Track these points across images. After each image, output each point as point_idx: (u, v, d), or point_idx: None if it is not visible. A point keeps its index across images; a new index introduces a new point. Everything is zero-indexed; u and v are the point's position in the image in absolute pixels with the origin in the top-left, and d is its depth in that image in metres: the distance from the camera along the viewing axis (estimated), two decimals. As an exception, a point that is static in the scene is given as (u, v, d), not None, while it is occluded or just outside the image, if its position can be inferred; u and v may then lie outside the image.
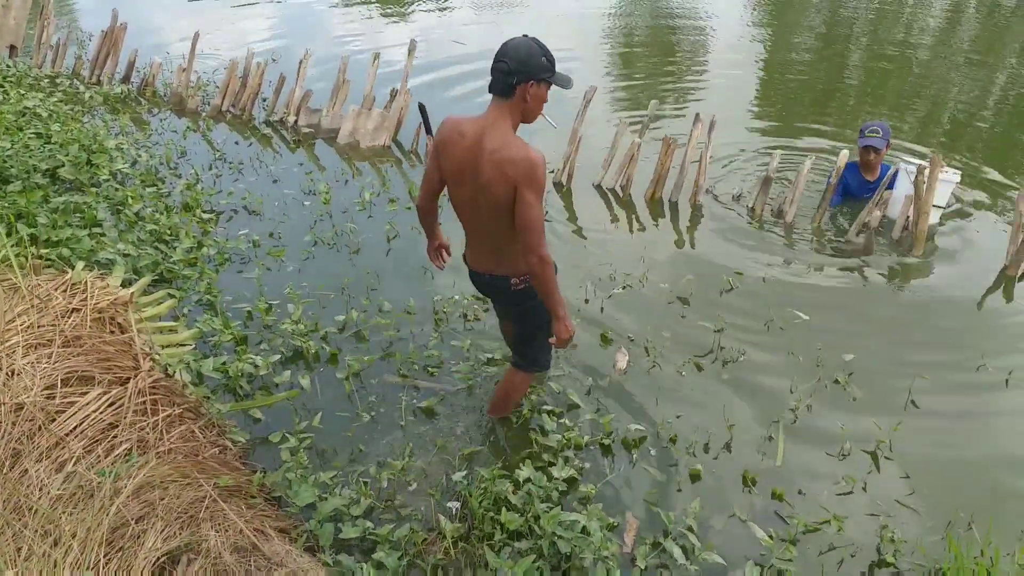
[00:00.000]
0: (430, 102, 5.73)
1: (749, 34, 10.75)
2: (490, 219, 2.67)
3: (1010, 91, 8.54)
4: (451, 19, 11.35)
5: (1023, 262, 4.48)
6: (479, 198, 2.63)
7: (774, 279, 4.54)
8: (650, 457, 3.22)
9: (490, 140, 2.54)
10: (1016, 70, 9.44)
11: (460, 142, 2.60)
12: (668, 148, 5.41)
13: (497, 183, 2.54)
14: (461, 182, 2.66)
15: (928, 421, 3.48)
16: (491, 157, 2.53)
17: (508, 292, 2.89)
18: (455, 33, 10.18)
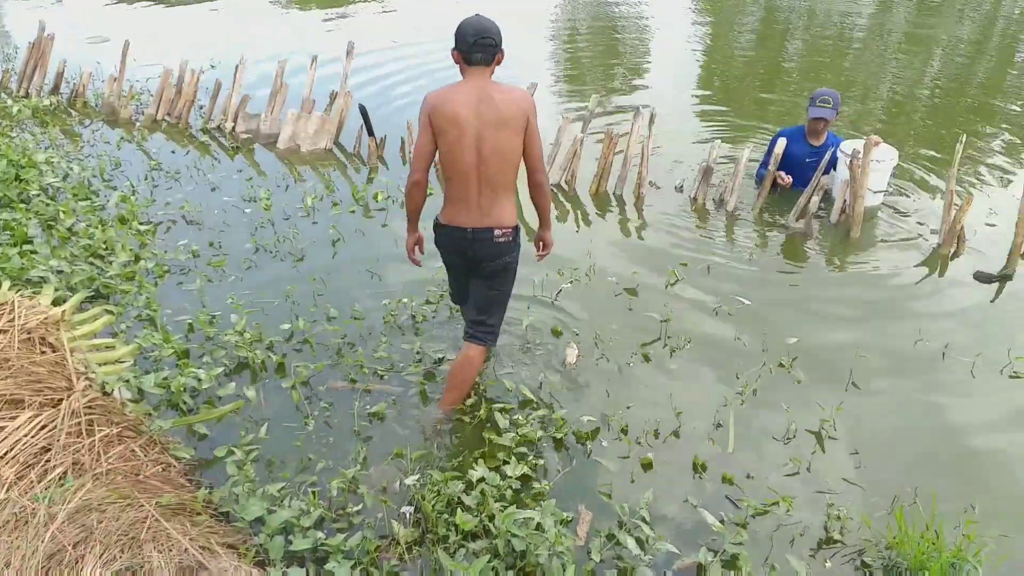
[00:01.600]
0: (370, 102, 5.70)
1: (690, 29, 10.89)
2: (495, 159, 3.02)
3: (943, 74, 8.82)
4: (392, 19, 11.25)
5: (955, 240, 4.62)
6: (487, 139, 2.98)
7: (718, 267, 4.60)
8: (603, 449, 3.24)
9: (494, 90, 2.98)
10: (947, 55, 9.75)
11: (461, 100, 2.96)
12: (610, 142, 5.45)
13: (515, 118, 2.98)
14: (465, 127, 2.97)
15: (870, 398, 3.57)
16: (503, 99, 2.97)
17: (489, 244, 3.14)
18: (394, 33, 10.08)
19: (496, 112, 2.96)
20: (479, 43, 2.94)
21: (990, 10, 12.60)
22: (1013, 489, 3.10)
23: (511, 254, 3.20)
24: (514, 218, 3.17)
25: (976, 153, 6.41)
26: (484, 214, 3.11)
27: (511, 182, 3.11)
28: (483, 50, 2.96)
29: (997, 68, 9.26)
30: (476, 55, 2.96)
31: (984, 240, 4.87)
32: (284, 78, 6.54)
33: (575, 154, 5.57)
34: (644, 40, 10.37)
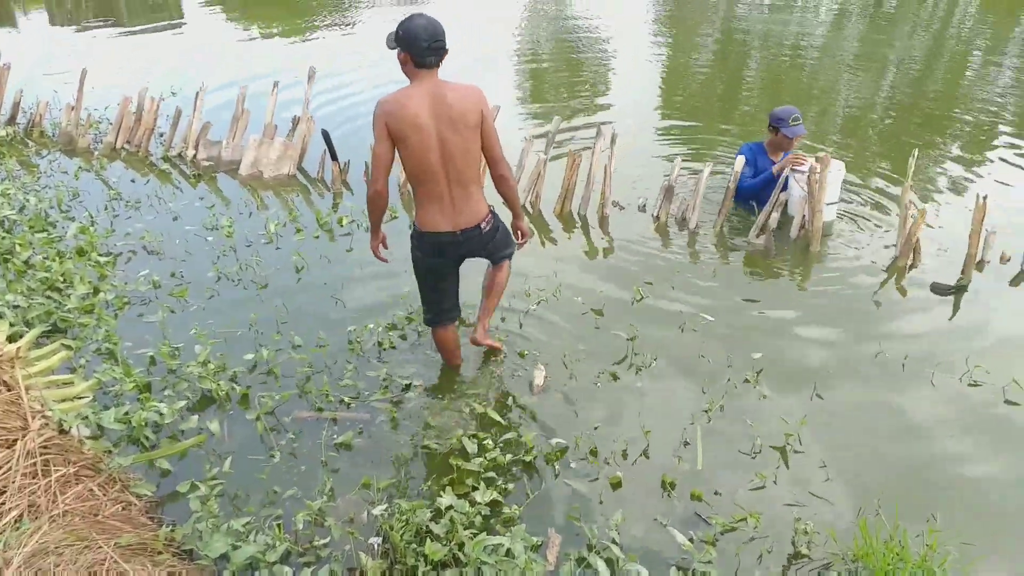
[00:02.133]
0: (333, 127, 5.69)
1: (650, 47, 11.06)
2: (460, 156, 3.11)
3: (897, 88, 9.05)
4: (353, 42, 11.27)
5: (911, 252, 4.72)
6: (449, 139, 3.06)
7: (682, 285, 4.65)
8: (571, 471, 3.24)
9: (446, 89, 3.05)
10: (900, 69, 10.01)
11: (416, 104, 3.03)
12: (573, 163, 5.50)
13: (471, 112, 3.05)
14: (427, 131, 3.05)
15: (834, 411, 3.61)
16: (456, 97, 3.03)
17: (480, 237, 3.35)
18: (356, 56, 10.10)
19: (452, 111, 3.04)
20: (432, 47, 3.00)
21: (939, 27, 12.98)
22: (974, 497, 3.15)
23: (497, 231, 3.45)
24: (486, 203, 3.37)
25: (932, 165, 6.57)
26: (461, 212, 3.25)
27: (478, 175, 3.27)
28: (436, 53, 3.03)
29: (949, 81, 9.52)
30: (430, 58, 3.02)
31: (940, 251, 4.98)
32: (246, 104, 6.50)
33: (539, 175, 5.60)
34: (606, 58, 10.51)
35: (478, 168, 3.25)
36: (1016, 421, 3.56)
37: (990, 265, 4.82)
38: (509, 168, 3.32)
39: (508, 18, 12.49)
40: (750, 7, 14.00)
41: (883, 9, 13.82)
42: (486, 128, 3.13)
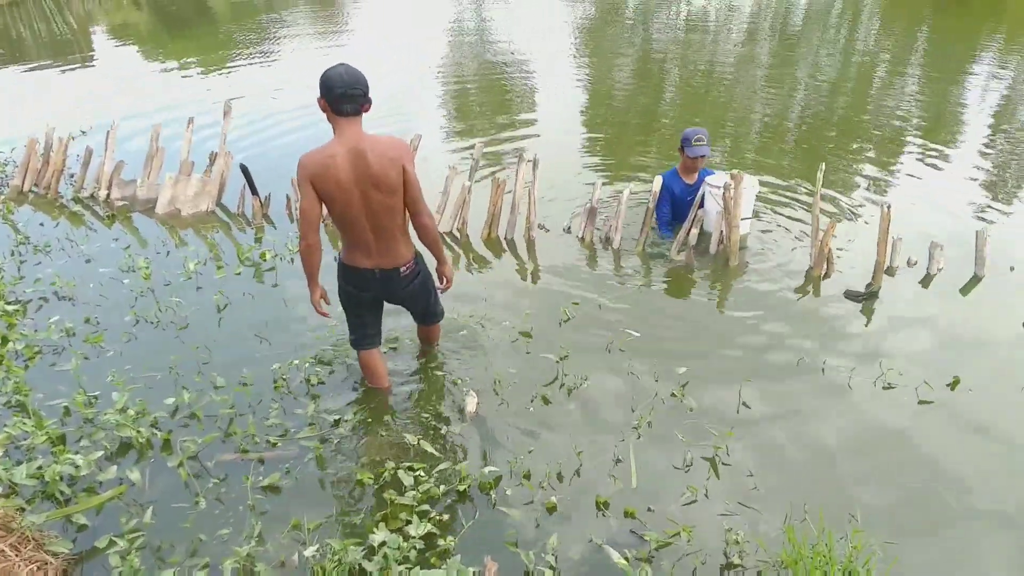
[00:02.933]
0: (253, 161, 5.60)
1: (572, 70, 11.26)
2: (383, 212, 3.19)
3: (809, 104, 9.44)
4: (272, 74, 11.13)
5: (824, 262, 4.92)
6: (372, 197, 3.13)
7: (608, 303, 4.72)
8: (506, 497, 3.22)
9: (368, 143, 3.08)
10: (810, 84, 10.45)
11: (337, 163, 3.06)
12: (497, 188, 5.54)
13: (390, 169, 3.09)
14: (349, 191, 3.11)
15: (759, 420, 3.71)
16: (378, 152, 3.07)
17: (399, 279, 3.44)
18: (275, 89, 9.98)
19: (372, 170, 3.08)
20: (347, 94, 3.02)
21: (845, 43, 13.64)
22: (895, 495, 3.27)
23: (418, 276, 3.54)
24: (411, 250, 3.45)
25: (845, 175, 6.88)
26: (382, 255, 3.34)
27: (401, 225, 3.33)
28: (351, 101, 3.03)
29: (857, 94, 9.99)
30: (345, 106, 3.04)
31: (853, 259, 5.19)
32: (160, 141, 6.34)
33: (464, 202, 5.62)
34: (528, 81, 10.65)
35: (401, 219, 3.32)
36: (927, 421, 3.72)
37: (899, 270, 5.05)
38: (431, 217, 3.36)
39: (429, 44, 12.56)
40: (666, 29, 14.45)
41: (790, 28, 14.45)
42: (408, 181, 3.18)
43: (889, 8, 16.61)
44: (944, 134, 8.23)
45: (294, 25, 14.33)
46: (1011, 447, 3.55)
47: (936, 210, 6.10)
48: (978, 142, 7.87)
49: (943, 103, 9.41)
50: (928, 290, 4.88)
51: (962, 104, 9.42)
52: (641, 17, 15.75)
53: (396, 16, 15.26)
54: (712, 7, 16.39)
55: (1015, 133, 8.25)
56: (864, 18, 15.79)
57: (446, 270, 3.58)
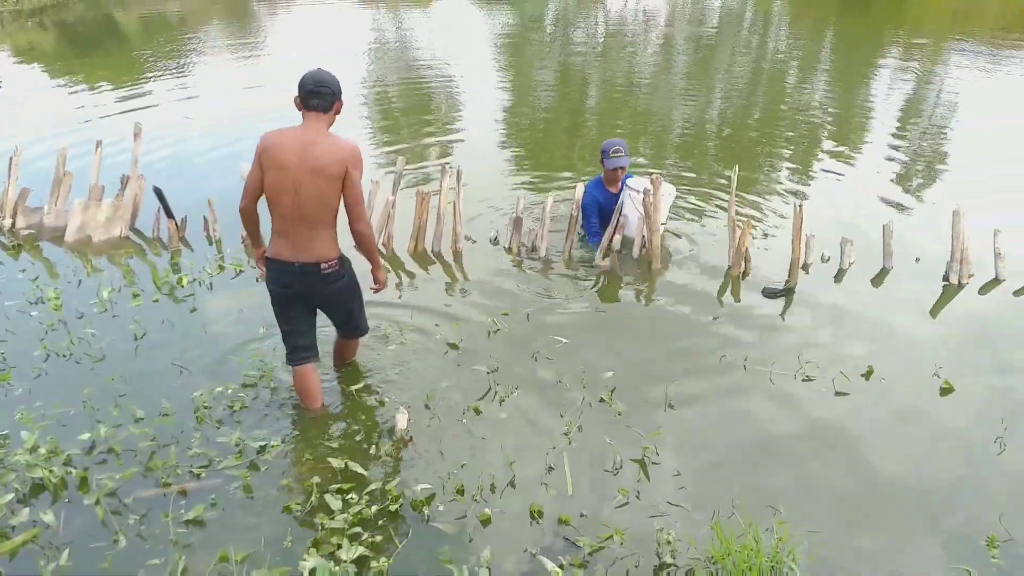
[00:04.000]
0: (167, 183, 5.43)
1: (496, 82, 11.32)
2: (315, 203, 3.33)
3: (726, 110, 9.73)
4: (186, 94, 10.84)
5: (742, 261, 5.06)
6: (310, 183, 3.29)
7: (537, 312, 4.74)
8: (440, 513, 3.19)
9: (322, 137, 3.32)
10: (727, 90, 10.77)
11: (287, 144, 3.30)
12: (422, 201, 5.52)
13: (334, 165, 3.27)
14: (287, 176, 3.30)
15: (686, 418, 3.79)
16: (330, 146, 3.29)
17: (317, 276, 3.49)
18: (189, 109, 9.70)
19: (315, 160, 3.27)
20: (314, 91, 3.31)
21: (758, 47, 14.12)
22: (818, 484, 3.38)
23: (341, 280, 3.58)
24: (336, 250, 3.51)
25: (761, 177, 7.10)
26: (304, 248, 3.43)
27: (329, 221, 3.43)
28: (319, 97, 3.32)
29: (770, 98, 10.35)
30: (312, 101, 3.33)
31: (770, 257, 5.36)
32: (68, 165, 6.08)
33: (388, 216, 5.58)
34: (452, 92, 10.67)
35: (331, 215, 3.42)
36: (845, 410, 3.86)
37: (814, 266, 5.24)
38: (368, 226, 3.50)
39: (349, 56, 12.44)
40: (585, 37, 14.68)
41: (705, 34, 14.89)
42: (348, 184, 3.34)
43: (797, 12, 17.29)
44: (853, 133, 8.60)
45: (209, 43, 14.02)
46: (924, 432, 3.71)
47: (847, 206, 6.37)
48: (885, 139, 8.25)
49: (851, 103, 9.84)
50: (841, 284, 5.07)
51: (869, 103, 9.86)
52: (560, 25, 15.97)
53: (315, 29, 15.08)
54: (629, 15, 16.74)
55: (920, 130, 8.68)
56: (774, 22, 16.39)
57: (379, 274, 3.71)
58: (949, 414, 3.84)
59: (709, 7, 17.88)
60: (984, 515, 3.17)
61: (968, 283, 5.01)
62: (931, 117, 9.33)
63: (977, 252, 5.07)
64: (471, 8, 18.16)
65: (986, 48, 13.01)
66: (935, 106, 9.81)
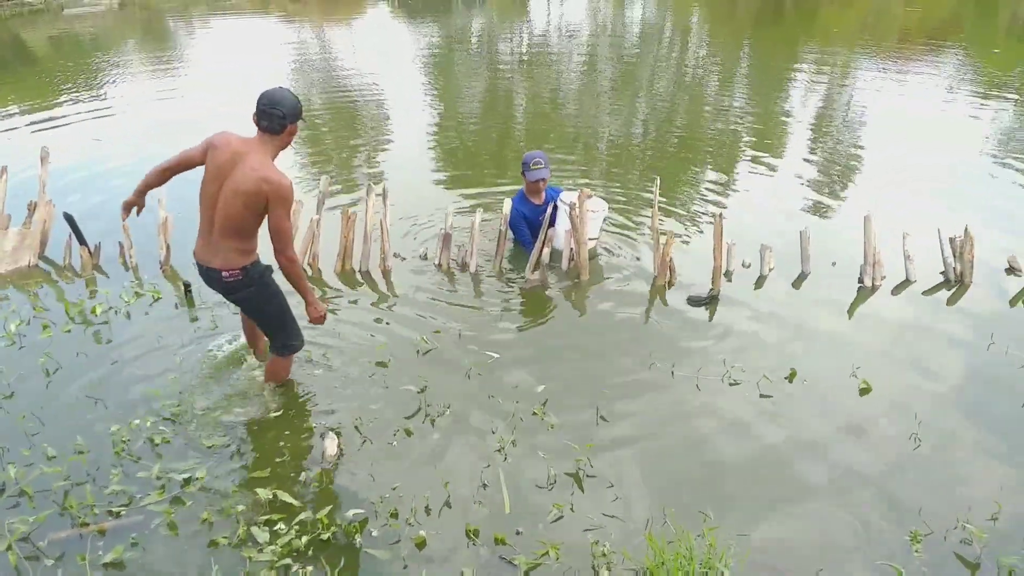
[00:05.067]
0: (79, 208, 5.23)
1: (425, 97, 11.27)
2: (228, 219, 3.38)
3: (650, 122, 9.93)
4: (96, 116, 10.41)
5: (667, 271, 5.16)
6: (227, 199, 3.34)
7: (469, 329, 4.72)
8: (373, 539, 3.14)
9: (254, 159, 3.32)
10: (651, 103, 11.00)
11: (227, 150, 3.35)
12: (348, 220, 5.44)
13: (253, 194, 3.29)
14: (215, 182, 3.37)
15: (617, 428, 3.83)
16: (254, 173, 3.28)
17: (220, 282, 3.56)
18: (97, 130, 9.31)
19: (236, 183, 3.31)
20: (265, 111, 3.32)
21: (678, 61, 14.49)
22: (746, 488, 3.46)
23: (246, 290, 3.60)
24: (243, 261, 3.51)
25: (685, 187, 7.27)
26: (214, 254, 3.49)
27: (241, 237, 3.45)
28: (268, 119, 3.33)
29: (692, 110, 10.62)
30: (262, 122, 3.35)
31: (694, 266, 5.47)
32: (-31, 193, 5.77)
33: (313, 236, 5.48)
34: (380, 111, 10.57)
35: (243, 234, 3.46)
36: (770, 413, 3.97)
37: (736, 273, 5.38)
38: (290, 259, 3.49)
39: (272, 74, 12.21)
40: (511, 53, 14.80)
41: (627, 48, 15.19)
42: (271, 218, 3.38)
43: (713, 26, 17.84)
44: (772, 141, 8.90)
45: (123, 62, 13.56)
46: (846, 432, 3.84)
47: (767, 213, 6.58)
48: (802, 146, 8.57)
49: (769, 112, 10.19)
50: (763, 289, 5.23)
51: (786, 112, 10.24)
52: (485, 40, 16.07)
53: (234, 49, 14.77)
54: (553, 29, 16.97)
55: (834, 137, 9.04)
56: (692, 35, 16.86)
57: (310, 310, 3.71)
58: (868, 413, 3.99)
59: (630, 21, 18.28)
60: (905, 511, 3.30)
61: (881, 285, 5.23)
62: (844, 124, 9.74)
63: (888, 255, 5.29)
64: (394, 23, 18.09)
65: (891, 56, 13.67)
66: (847, 113, 10.25)
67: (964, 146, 8.50)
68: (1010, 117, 9.84)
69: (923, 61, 13.57)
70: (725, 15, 19.60)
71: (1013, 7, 20.67)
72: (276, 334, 3.86)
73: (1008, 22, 18.73)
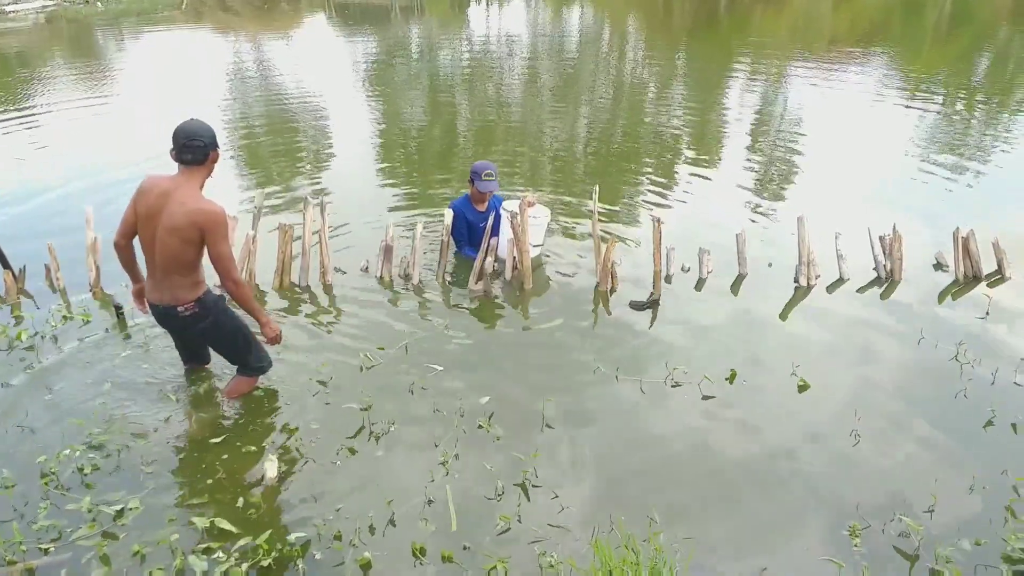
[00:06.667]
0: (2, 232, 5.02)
1: (364, 111, 11.15)
2: (168, 257, 3.46)
3: (592, 130, 10.01)
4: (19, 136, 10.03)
5: (609, 277, 5.20)
6: (162, 238, 3.42)
7: (414, 343, 4.66)
8: (317, 563, 3.07)
9: (183, 195, 3.39)
10: (591, 111, 11.10)
11: (154, 192, 3.43)
12: (286, 235, 5.34)
13: (187, 228, 3.38)
14: (150, 224, 3.45)
15: (563, 436, 3.83)
16: (183, 208, 3.36)
17: (178, 318, 3.66)
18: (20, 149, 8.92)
19: (171, 218, 3.39)
20: (187, 146, 3.39)
21: (616, 69, 14.67)
22: (690, 490, 3.50)
23: (205, 320, 3.69)
24: (194, 293, 3.61)
25: (625, 193, 7.34)
26: (164, 290, 3.58)
27: (185, 270, 3.54)
28: (191, 151, 3.40)
29: (632, 117, 10.75)
30: (185, 156, 3.41)
31: (634, 271, 5.53)
32: None
33: (249, 252, 5.35)
34: (320, 123, 10.41)
35: (186, 267, 3.53)
36: (712, 414, 4.02)
37: (675, 277, 5.45)
38: (236, 283, 3.58)
39: (208, 88, 11.95)
40: (452, 64, 14.78)
41: (566, 57, 15.33)
42: (209, 247, 3.46)
43: (650, 33, 18.13)
44: (709, 145, 9.08)
45: (49, 78, 13.10)
46: (786, 430, 3.92)
47: (705, 216, 6.69)
48: (739, 150, 8.76)
49: (707, 116, 10.40)
50: (702, 292, 5.31)
51: (723, 116, 10.45)
52: (426, 50, 16.03)
53: (167, 63, 14.41)
54: (492, 38, 17.03)
55: (770, 140, 9.26)
56: (630, 42, 17.11)
57: (266, 330, 3.84)
58: (808, 410, 4.08)
59: (568, 29, 18.45)
60: (844, 506, 3.38)
61: (816, 284, 5.36)
62: (778, 127, 9.99)
63: (822, 254, 5.43)
64: (332, 34, 17.91)
65: (822, 60, 14.09)
66: (782, 116, 10.51)
67: (891, 147, 8.81)
68: (933, 118, 10.23)
69: (852, 64, 14.02)
70: (660, 23, 19.96)
71: (940, 8, 21.54)
72: (244, 359, 3.97)
73: (933, 25, 19.50)
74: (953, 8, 21.93)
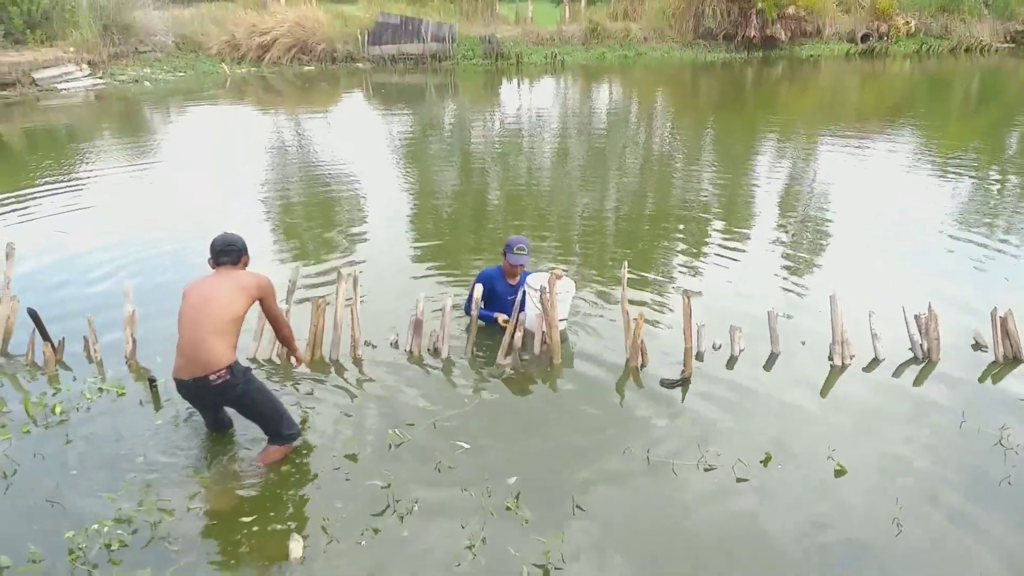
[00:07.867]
0: (43, 304, 5.15)
1: (398, 186, 11.37)
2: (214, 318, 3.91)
3: (621, 205, 10.11)
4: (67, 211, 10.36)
5: (639, 353, 5.16)
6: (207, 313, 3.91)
7: (441, 419, 4.64)
8: (339, 648, 3.00)
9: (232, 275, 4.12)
10: (620, 184, 11.23)
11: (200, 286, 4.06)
12: (318, 308, 5.42)
13: (240, 299, 4.02)
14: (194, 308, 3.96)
15: (595, 518, 3.76)
16: (237, 284, 4.05)
17: (210, 388, 3.92)
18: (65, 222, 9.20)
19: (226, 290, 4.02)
20: (224, 251, 4.17)
21: (645, 143, 14.89)
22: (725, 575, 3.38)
23: (236, 388, 3.96)
24: (229, 357, 3.93)
25: (656, 268, 7.35)
26: (200, 358, 3.87)
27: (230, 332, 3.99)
28: (227, 255, 4.18)
29: (660, 191, 10.84)
30: (223, 259, 4.17)
31: (665, 347, 5.48)
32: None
33: (283, 326, 5.42)
34: (355, 199, 10.62)
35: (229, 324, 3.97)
36: (747, 498, 3.91)
37: (707, 354, 5.40)
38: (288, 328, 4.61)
39: (248, 164, 12.33)
40: (483, 138, 15.12)
41: (595, 132, 15.61)
42: (267, 309, 4.32)
43: (678, 110, 18.45)
44: (739, 221, 9.08)
45: (97, 154, 13.63)
46: (825, 517, 3.80)
47: (736, 293, 6.63)
48: (769, 226, 8.74)
49: (736, 192, 10.44)
50: (734, 370, 5.23)
51: (752, 192, 10.49)
52: (459, 127, 16.45)
53: (211, 139, 14.94)
54: (524, 115, 17.44)
55: (799, 216, 9.25)
56: (658, 119, 17.40)
57: (297, 354, 4.71)
58: (846, 495, 3.96)
59: (596, 106, 18.83)
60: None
61: (851, 363, 5.26)
62: (808, 199, 9.99)
63: (856, 332, 5.34)
64: (369, 111, 18.48)
65: (850, 136, 14.16)
66: (811, 192, 10.51)
67: (923, 220, 8.73)
68: (966, 192, 10.16)
69: (881, 138, 14.07)
70: (688, 100, 20.33)
71: (966, 85, 21.68)
72: (275, 426, 4.17)
73: (961, 100, 19.59)
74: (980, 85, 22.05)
